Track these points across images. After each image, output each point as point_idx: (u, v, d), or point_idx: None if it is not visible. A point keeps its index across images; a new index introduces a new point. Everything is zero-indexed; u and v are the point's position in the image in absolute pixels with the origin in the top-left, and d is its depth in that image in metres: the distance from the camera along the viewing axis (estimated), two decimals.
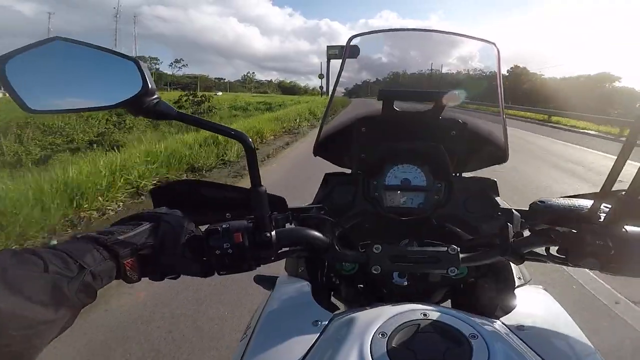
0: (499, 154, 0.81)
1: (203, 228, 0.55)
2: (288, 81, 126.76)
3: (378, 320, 0.47)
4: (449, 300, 0.85)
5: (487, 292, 0.76)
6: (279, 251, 0.57)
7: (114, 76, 0.44)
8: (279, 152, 7.18)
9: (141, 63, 0.43)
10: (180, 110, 0.46)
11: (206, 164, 5.52)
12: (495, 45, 0.83)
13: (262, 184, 0.51)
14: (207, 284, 2.17)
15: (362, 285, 0.84)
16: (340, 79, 0.88)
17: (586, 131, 14.98)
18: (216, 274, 0.53)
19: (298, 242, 0.59)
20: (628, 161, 0.45)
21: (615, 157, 0.46)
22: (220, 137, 5.46)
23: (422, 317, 0.47)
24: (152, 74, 0.44)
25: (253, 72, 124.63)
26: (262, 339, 0.56)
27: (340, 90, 0.99)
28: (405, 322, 0.46)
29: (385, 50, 1.05)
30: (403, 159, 0.80)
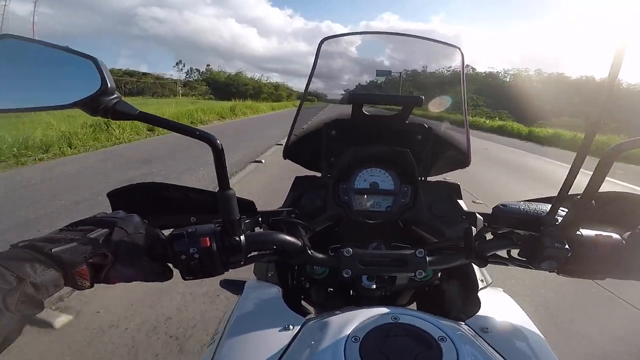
0: (461, 159, 0.84)
1: (166, 232, 0.53)
2: (227, 73, 65.97)
3: (350, 324, 0.47)
4: (414, 302, 0.87)
5: (451, 295, 0.78)
6: (249, 255, 0.56)
7: (69, 75, 0.42)
8: None
9: (100, 61, 0.41)
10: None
11: None
12: (459, 50, 0.85)
13: (230, 186, 0.50)
14: None
15: (331, 289, 0.84)
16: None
17: None
18: (179, 279, 0.51)
19: (268, 246, 0.58)
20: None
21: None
22: None
23: (392, 320, 0.47)
24: None
25: (209, 65, 71.36)
26: (232, 344, 0.55)
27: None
28: (377, 326, 0.46)
29: (357, 53, 1.06)
30: (371, 163, 0.81)
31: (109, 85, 0.41)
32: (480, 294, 0.68)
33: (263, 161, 6.54)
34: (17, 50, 0.40)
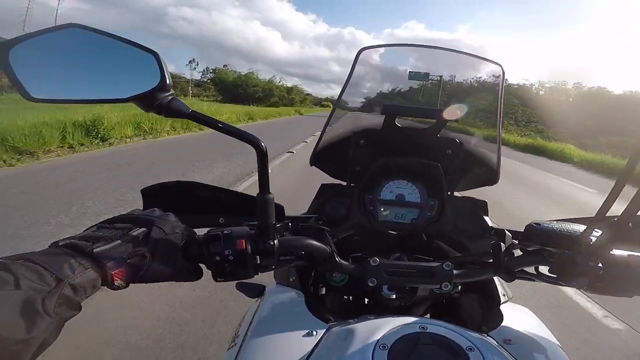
0: (489, 176, 0.84)
1: (197, 231, 0.53)
2: (237, 73, 57.06)
3: (377, 332, 0.46)
4: (428, 314, 0.86)
5: (470, 308, 0.79)
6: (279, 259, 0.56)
7: (130, 68, 0.42)
8: None
9: (161, 56, 0.41)
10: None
11: None
12: (500, 67, 0.85)
13: (270, 191, 0.49)
14: None
15: (346, 297, 0.84)
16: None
17: None
18: (203, 278, 0.51)
19: (299, 251, 0.58)
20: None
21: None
22: None
23: (420, 329, 0.47)
24: None
25: (225, 65, 61.28)
26: (255, 346, 0.55)
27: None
28: (405, 335, 0.46)
29: (380, 60, 1.06)
30: (399, 175, 0.81)
31: (167, 82, 0.41)
32: (502, 307, 0.69)
33: None
34: (82, 40, 0.39)
